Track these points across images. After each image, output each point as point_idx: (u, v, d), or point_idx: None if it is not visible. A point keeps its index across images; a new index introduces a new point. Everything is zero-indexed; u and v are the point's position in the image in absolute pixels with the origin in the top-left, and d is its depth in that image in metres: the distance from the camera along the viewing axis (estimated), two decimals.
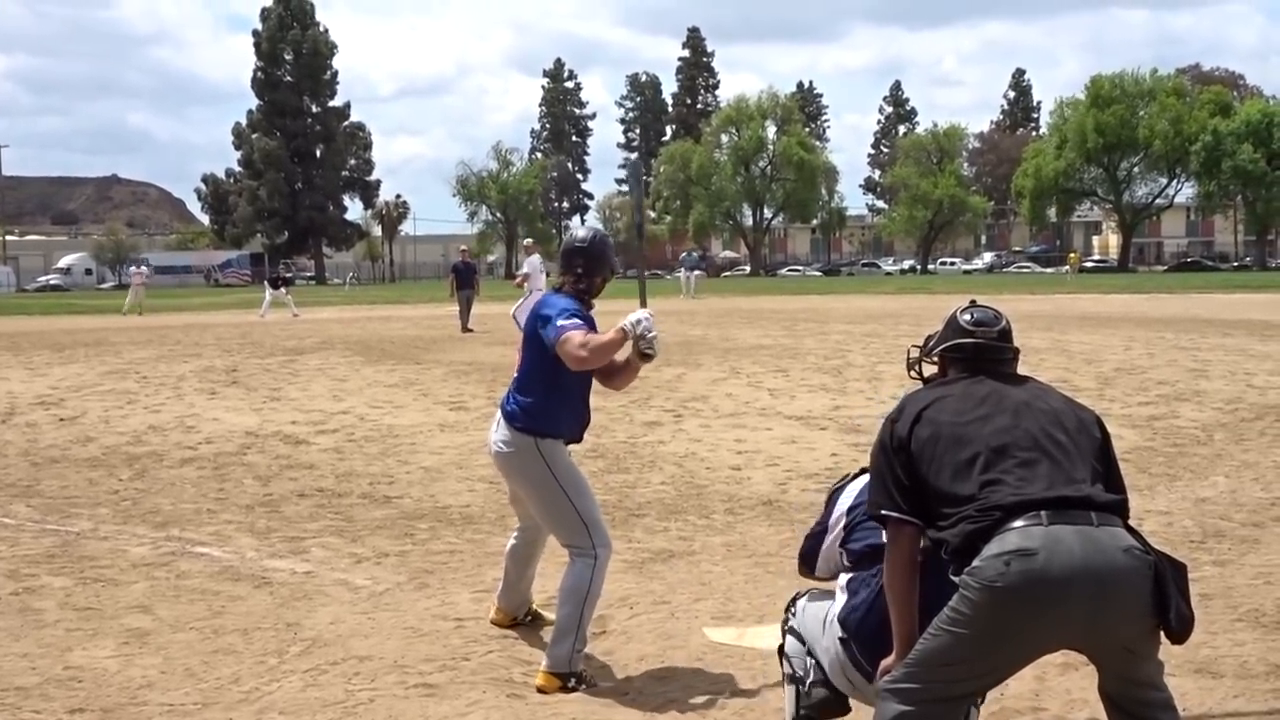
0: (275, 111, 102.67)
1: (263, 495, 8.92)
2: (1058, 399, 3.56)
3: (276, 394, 14.49)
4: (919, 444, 3.40)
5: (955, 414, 3.43)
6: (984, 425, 3.38)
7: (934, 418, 3.43)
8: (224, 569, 6.81)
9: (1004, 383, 3.58)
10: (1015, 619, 3.10)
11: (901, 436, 3.44)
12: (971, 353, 3.69)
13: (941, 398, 3.52)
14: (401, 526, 7.87)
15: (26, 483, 9.45)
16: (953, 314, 3.82)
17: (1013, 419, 3.39)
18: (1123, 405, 12.63)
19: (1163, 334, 21.40)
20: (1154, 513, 7.95)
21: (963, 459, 3.32)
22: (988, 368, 3.65)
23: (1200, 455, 10.00)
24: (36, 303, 57.33)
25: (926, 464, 3.36)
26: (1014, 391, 3.52)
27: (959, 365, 3.70)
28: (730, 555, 7.00)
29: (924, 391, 3.65)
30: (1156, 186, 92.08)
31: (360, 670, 5.14)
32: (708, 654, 5.32)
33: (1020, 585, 3.06)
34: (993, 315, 3.79)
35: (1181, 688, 4.82)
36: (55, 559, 7.04)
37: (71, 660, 5.28)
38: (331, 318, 34.38)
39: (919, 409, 3.48)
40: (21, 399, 14.30)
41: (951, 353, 3.73)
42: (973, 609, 3.12)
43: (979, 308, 3.83)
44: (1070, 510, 3.16)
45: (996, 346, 3.70)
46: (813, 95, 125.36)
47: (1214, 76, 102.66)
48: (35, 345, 23.29)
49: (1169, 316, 26.80)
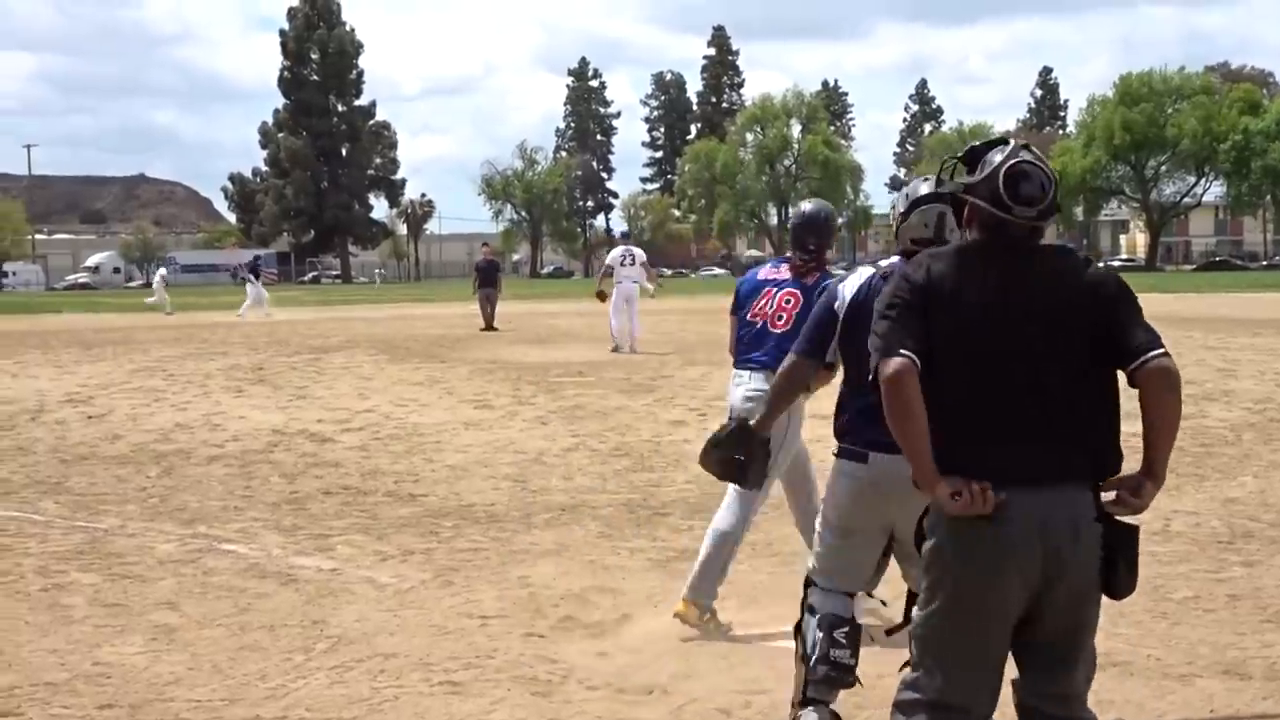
0: (301, 110, 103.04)
1: (289, 493, 8.96)
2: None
3: (302, 392, 14.55)
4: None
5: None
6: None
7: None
8: (250, 566, 6.85)
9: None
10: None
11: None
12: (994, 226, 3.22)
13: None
14: (426, 524, 7.89)
15: (55, 480, 9.52)
16: (999, 160, 3.21)
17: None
18: None
19: (1190, 333, 21.23)
20: (1181, 513, 7.89)
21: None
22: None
23: (1228, 455, 9.93)
24: (65, 300, 57.70)
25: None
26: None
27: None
28: (754, 554, 6.98)
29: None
30: (1185, 185, 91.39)
31: (385, 667, 5.16)
32: (732, 652, 5.32)
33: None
34: (1040, 184, 3.20)
35: (1209, 689, 4.80)
36: (84, 555, 7.09)
37: (100, 656, 5.32)
38: (357, 316, 34.50)
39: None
40: (50, 396, 14.41)
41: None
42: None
43: (1029, 164, 3.20)
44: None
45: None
46: (838, 93, 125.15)
47: (1243, 74, 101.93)
48: (64, 343, 23.46)
49: (1197, 316, 26.61)
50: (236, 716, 4.64)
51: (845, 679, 4.16)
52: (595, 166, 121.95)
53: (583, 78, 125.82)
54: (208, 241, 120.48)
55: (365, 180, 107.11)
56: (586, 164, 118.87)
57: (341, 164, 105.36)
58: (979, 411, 3.12)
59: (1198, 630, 5.51)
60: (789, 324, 5.41)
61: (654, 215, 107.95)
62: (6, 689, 4.91)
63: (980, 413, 3.12)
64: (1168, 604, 5.91)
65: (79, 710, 4.70)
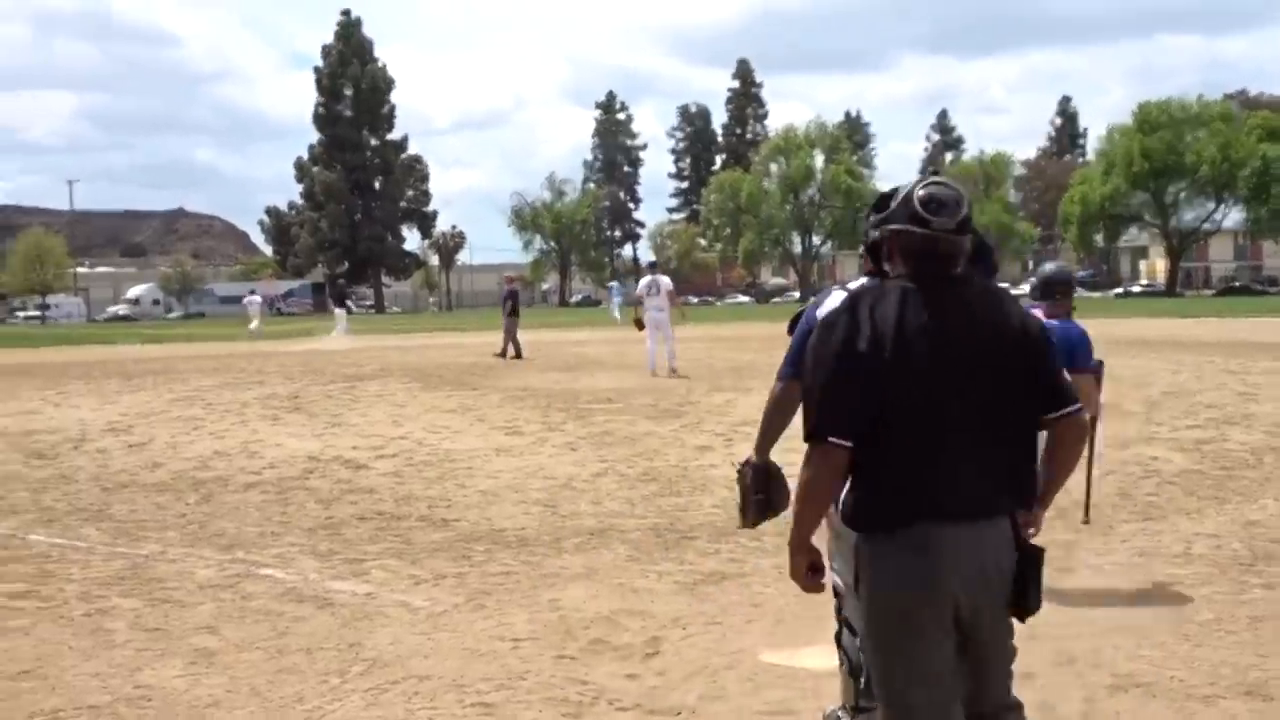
0: (336, 145, 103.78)
1: (324, 518, 9.00)
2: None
3: (337, 420, 14.61)
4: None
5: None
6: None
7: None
8: (288, 590, 6.88)
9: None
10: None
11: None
12: (920, 246, 3.27)
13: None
14: (459, 549, 7.91)
15: (97, 507, 9.59)
16: (910, 187, 3.35)
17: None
18: (1171, 429, 12.48)
19: (1211, 358, 21.10)
20: (1203, 535, 7.85)
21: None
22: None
23: (1249, 479, 9.85)
24: (106, 332, 58.16)
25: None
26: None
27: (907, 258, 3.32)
28: (781, 577, 6.93)
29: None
30: (1204, 211, 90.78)
31: (420, 690, 5.17)
32: (760, 674, 5.32)
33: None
34: (954, 200, 3.29)
35: (1233, 710, 4.76)
36: (125, 581, 7.15)
37: (141, 679, 5.36)
38: (389, 345, 34.63)
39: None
40: (92, 426, 14.52)
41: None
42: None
43: (939, 184, 3.34)
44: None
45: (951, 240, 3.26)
46: (860, 124, 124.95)
47: (1262, 101, 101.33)
48: (105, 374, 23.64)
49: (1217, 340, 26.43)
50: None
51: None
52: (622, 197, 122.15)
53: (610, 110, 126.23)
54: (245, 273, 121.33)
55: (398, 212, 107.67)
56: (614, 194, 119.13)
57: (375, 197, 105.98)
58: (920, 450, 3.16)
59: (1220, 652, 5.47)
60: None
61: (680, 244, 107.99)
62: (51, 712, 4.96)
63: (921, 451, 3.16)
64: (1190, 626, 5.87)
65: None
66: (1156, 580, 6.84)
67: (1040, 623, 5.85)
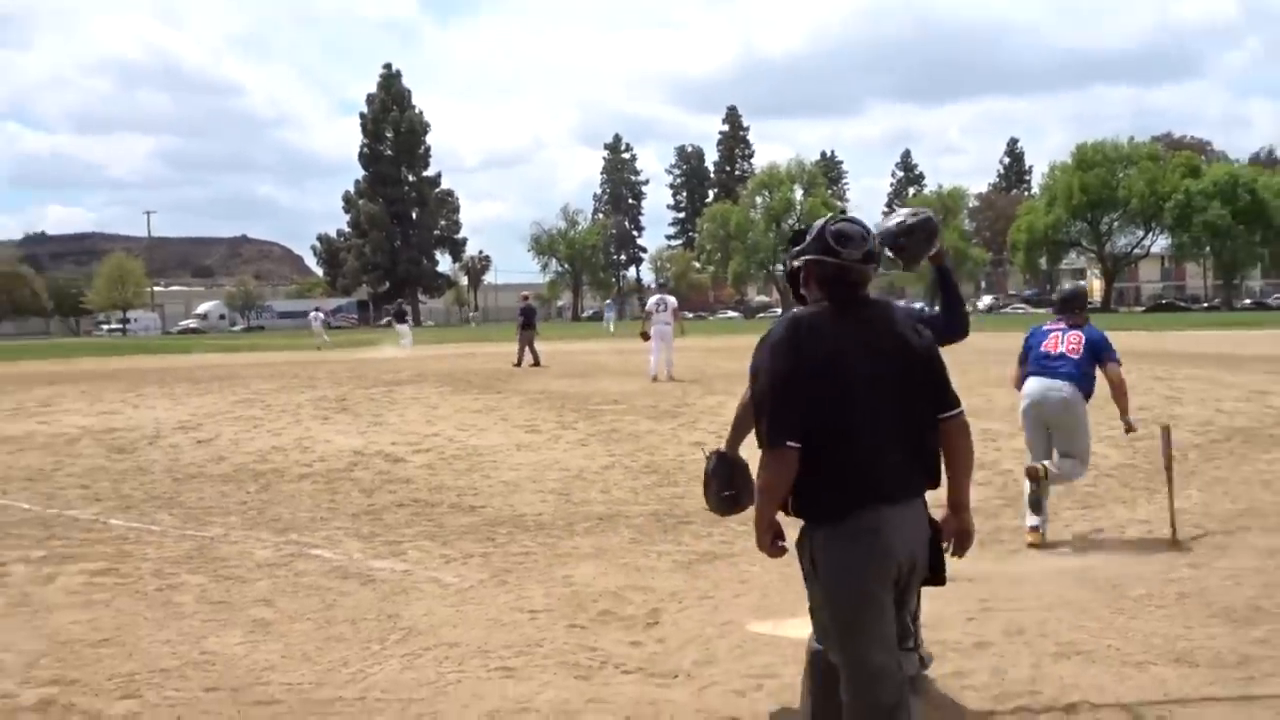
0: (378, 181, 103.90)
1: (367, 505, 8.97)
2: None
3: (379, 419, 14.58)
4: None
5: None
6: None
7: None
8: (335, 568, 6.85)
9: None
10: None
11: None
12: (833, 274, 3.37)
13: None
14: (484, 532, 7.88)
15: (169, 495, 9.57)
16: (821, 223, 3.46)
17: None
18: (1108, 428, 12.36)
19: (1141, 365, 21.04)
20: (1135, 521, 7.82)
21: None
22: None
23: (1176, 472, 9.75)
24: (178, 343, 58.16)
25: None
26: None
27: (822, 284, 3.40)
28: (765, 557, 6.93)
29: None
30: (1135, 238, 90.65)
31: (449, 655, 5.14)
32: (748, 642, 5.28)
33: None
34: (860, 234, 3.39)
35: (1163, 675, 4.72)
36: (193, 560, 7.12)
37: (206, 646, 5.33)
38: (425, 355, 34.58)
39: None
40: (166, 424, 14.49)
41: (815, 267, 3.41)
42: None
43: (846, 220, 3.45)
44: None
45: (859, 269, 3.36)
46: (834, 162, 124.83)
47: (1185, 143, 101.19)
48: (177, 379, 23.63)
49: (1147, 351, 26.34)
50: (323, 697, 4.64)
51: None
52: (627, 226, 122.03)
53: (616, 150, 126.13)
54: (299, 292, 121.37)
55: (432, 239, 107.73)
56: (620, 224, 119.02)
57: (412, 225, 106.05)
58: (855, 447, 3.26)
59: (1151, 624, 5.43)
60: (1078, 352, 7.42)
61: (677, 266, 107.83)
62: (127, 675, 4.93)
63: (862, 447, 3.26)
64: (1125, 601, 5.83)
65: (188, 693, 4.71)
66: (1095, 561, 6.80)
67: (994, 597, 5.85)
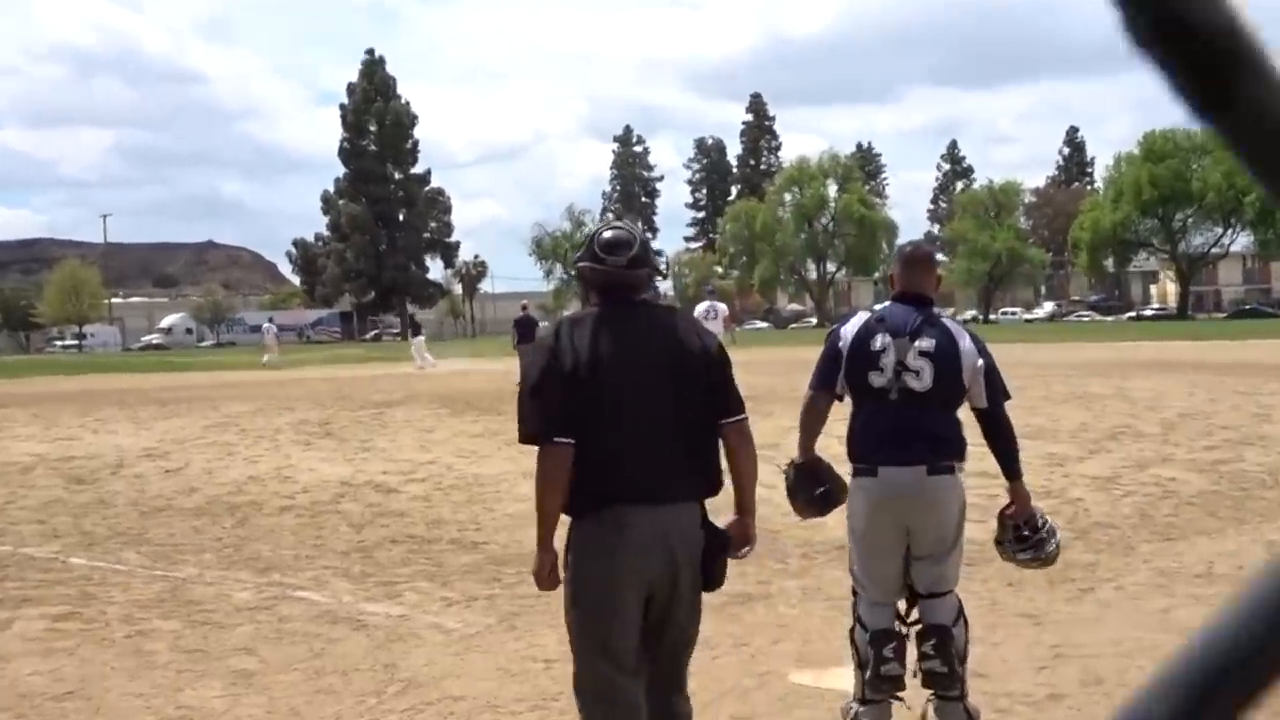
0: (360, 179, 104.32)
1: (357, 542, 8.99)
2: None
3: (367, 445, 14.63)
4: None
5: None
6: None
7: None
8: (323, 612, 6.87)
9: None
10: None
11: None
12: (601, 279, 3.78)
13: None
14: (489, 571, 7.89)
15: (136, 531, 9.61)
16: (594, 231, 3.93)
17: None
18: (1188, 450, 12.38)
19: (1224, 379, 20.96)
20: (1224, 555, 7.77)
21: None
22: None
23: (1267, 499, 9.76)
24: (140, 361, 58.41)
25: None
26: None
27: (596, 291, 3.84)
28: (806, 598, 6.93)
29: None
30: (1212, 236, 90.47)
31: (455, 710, 5.15)
32: (789, 694, 5.28)
33: None
34: (625, 241, 3.81)
35: None
36: (165, 603, 7.15)
37: (183, 700, 5.35)
38: (414, 372, 34.65)
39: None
40: (130, 451, 14.56)
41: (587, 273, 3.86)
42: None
43: (615, 228, 3.91)
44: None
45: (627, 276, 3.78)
46: (872, 154, 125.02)
47: None
48: (141, 401, 23.72)
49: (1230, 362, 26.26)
50: None
51: (897, 687, 4.49)
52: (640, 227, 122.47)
53: (627, 144, 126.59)
54: (273, 303, 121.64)
55: (421, 243, 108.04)
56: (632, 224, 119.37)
57: (399, 228, 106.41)
58: (612, 446, 3.60)
59: None
60: None
61: (697, 272, 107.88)
62: None
63: (619, 447, 3.61)
64: None
65: None
66: (1179, 600, 6.77)
67: (1066, 643, 5.83)
